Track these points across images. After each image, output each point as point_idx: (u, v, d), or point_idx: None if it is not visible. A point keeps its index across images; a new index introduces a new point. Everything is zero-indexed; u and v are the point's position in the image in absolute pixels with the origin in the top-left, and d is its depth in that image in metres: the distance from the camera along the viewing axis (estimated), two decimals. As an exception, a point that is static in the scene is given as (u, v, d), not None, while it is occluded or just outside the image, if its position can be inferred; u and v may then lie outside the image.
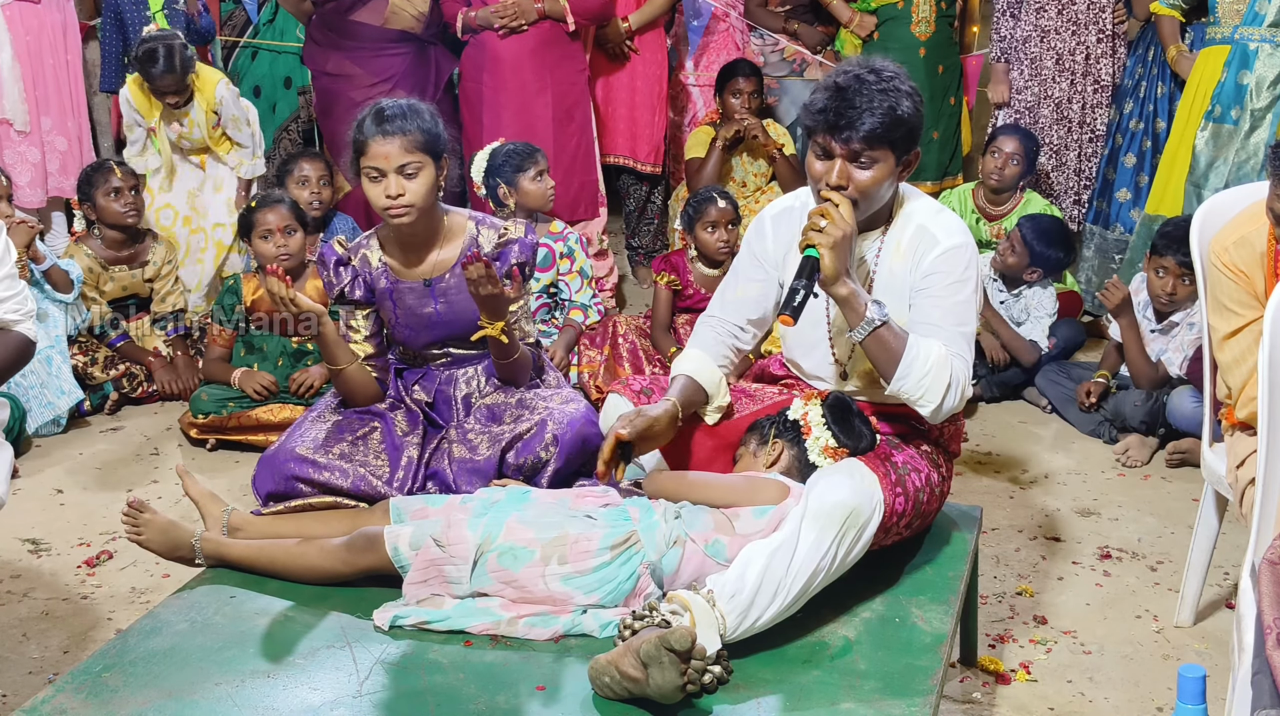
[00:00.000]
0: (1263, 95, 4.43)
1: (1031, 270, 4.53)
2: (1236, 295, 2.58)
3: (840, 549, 2.20)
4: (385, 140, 2.69)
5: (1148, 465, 3.90)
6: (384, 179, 2.71)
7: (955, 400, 2.37)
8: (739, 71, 5.20)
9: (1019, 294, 4.59)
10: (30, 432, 4.06)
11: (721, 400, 2.62)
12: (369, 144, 2.71)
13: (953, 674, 2.70)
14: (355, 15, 4.92)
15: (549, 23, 4.87)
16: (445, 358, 2.96)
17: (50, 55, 5.19)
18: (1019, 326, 4.54)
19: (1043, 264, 4.53)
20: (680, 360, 2.64)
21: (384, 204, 2.72)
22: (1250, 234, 2.57)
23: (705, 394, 2.60)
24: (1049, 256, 4.51)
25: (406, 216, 2.74)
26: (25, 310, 2.46)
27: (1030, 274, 4.54)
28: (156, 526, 2.55)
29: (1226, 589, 3.09)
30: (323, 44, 5.03)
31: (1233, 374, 2.60)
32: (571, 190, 5.02)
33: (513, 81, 4.88)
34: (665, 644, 1.91)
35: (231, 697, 2.02)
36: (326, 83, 5.09)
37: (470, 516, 2.35)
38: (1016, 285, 4.60)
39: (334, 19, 4.97)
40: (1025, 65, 5.26)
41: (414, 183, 2.72)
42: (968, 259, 2.43)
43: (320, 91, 5.18)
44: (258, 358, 4.16)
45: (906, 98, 2.33)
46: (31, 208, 5.12)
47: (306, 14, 5.13)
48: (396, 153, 2.69)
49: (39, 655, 2.84)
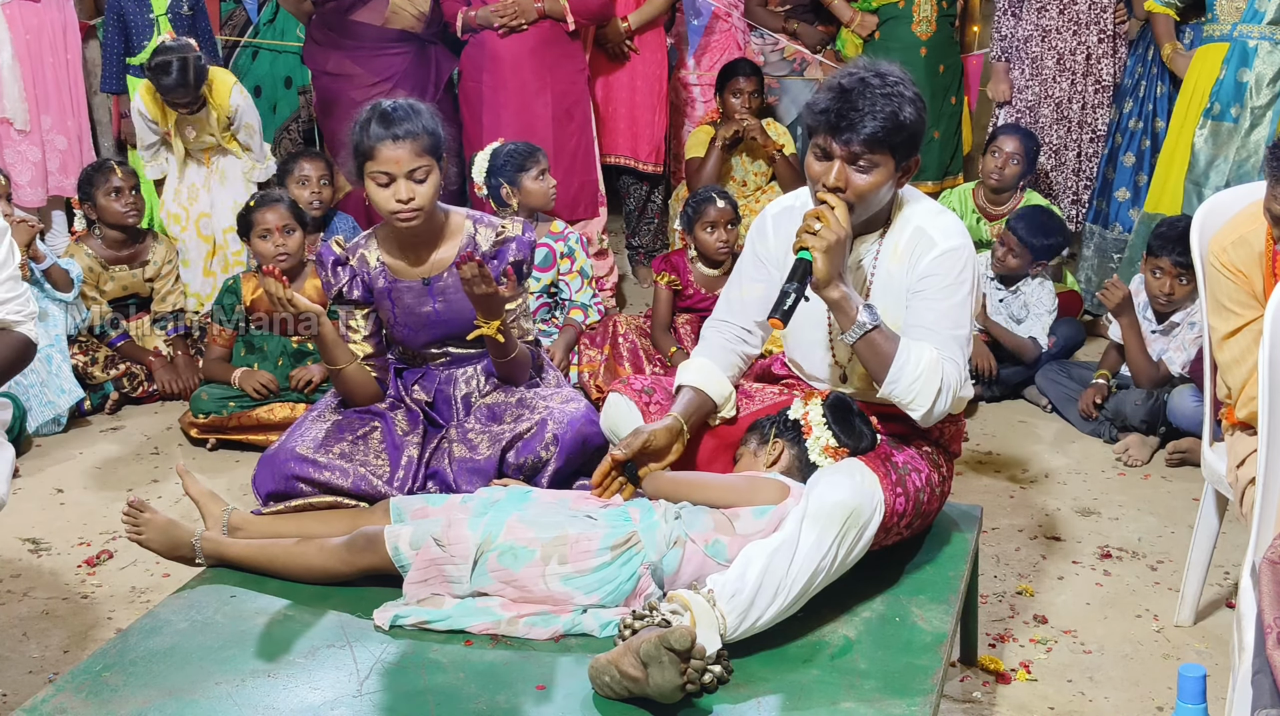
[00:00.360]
0: (1263, 93, 4.43)
1: (1035, 265, 4.53)
2: (1235, 295, 2.58)
3: (841, 549, 2.20)
4: (396, 145, 2.68)
5: (1148, 464, 3.90)
6: (393, 183, 2.70)
7: (946, 404, 2.37)
8: (739, 71, 5.20)
9: (1017, 290, 4.58)
10: (31, 432, 4.06)
11: (728, 412, 2.62)
12: (378, 149, 2.69)
13: (953, 673, 2.70)
14: (356, 15, 4.92)
15: (549, 22, 4.88)
16: (444, 357, 2.96)
17: (50, 54, 5.19)
18: (1019, 323, 4.54)
19: (1044, 254, 4.52)
20: (686, 369, 2.62)
21: (394, 208, 2.71)
22: (1249, 234, 2.57)
23: (713, 404, 2.59)
24: (1047, 245, 4.50)
25: (415, 219, 2.74)
26: (27, 312, 2.46)
27: (1035, 269, 4.54)
28: (157, 526, 2.55)
29: (1227, 588, 3.09)
30: (323, 44, 5.03)
31: (1232, 373, 2.60)
32: (571, 190, 5.01)
33: (512, 81, 4.88)
34: (665, 643, 1.91)
35: (232, 697, 2.02)
36: (327, 82, 5.09)
37: (471, 516, 2.35)
38: (1015, 282, 4.59)
39: (334, 19, 4.97)
40: (1026, 64, 5.26)
41: (423, 186, 2.71)
42: (964, 261, 2.42)
43: (321, 91, 5.17)
44: (258, 357, 4.17)
45: (910, 103, 2.33)
46: (32, 207, 5.12)
47: (306, 14, 5.13)
48: (407, 157, 2.68)
49: (39, 654, 2.84)
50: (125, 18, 5.22)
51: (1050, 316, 4.52)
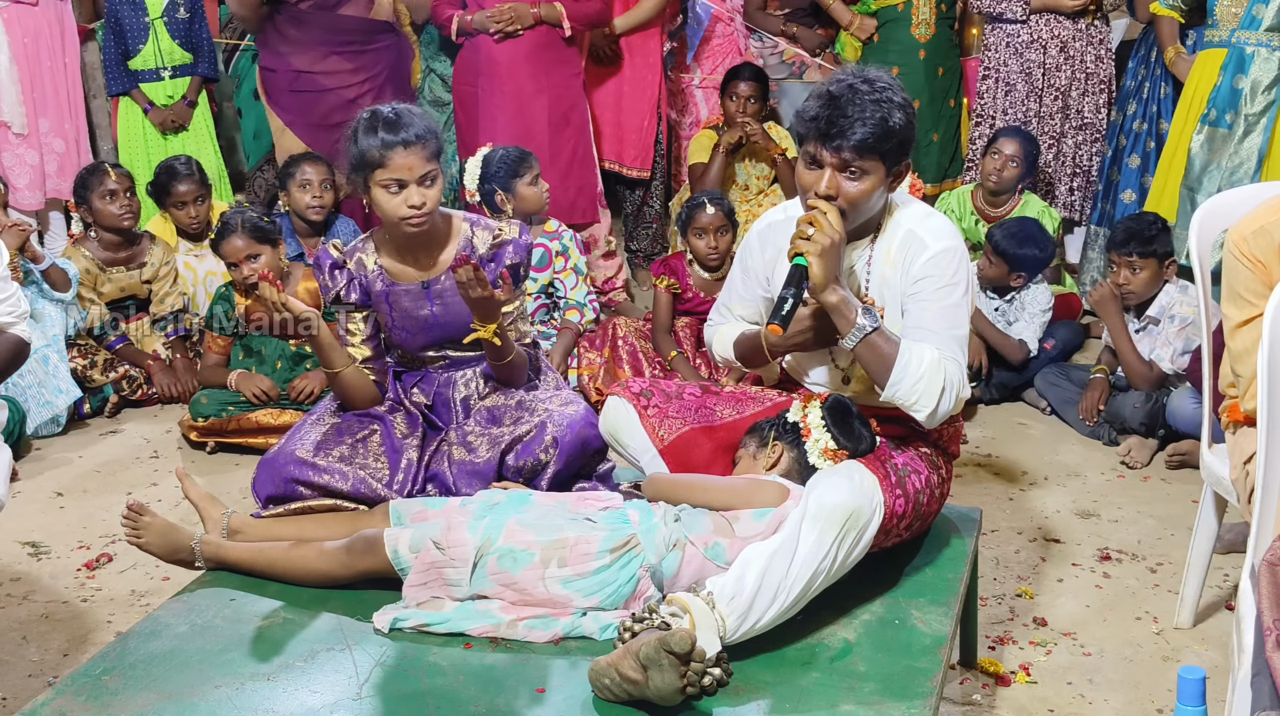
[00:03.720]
0: (1257, 99, 4.44)
1: (1015, 276, 4.49)
2: (1252, 284, 2.57)
3: (840, 551, 2.20)
4: (408, 152, 2.67)
5: (1147, 467, 3.90)
6: (405, 190, 2.69)
7: (950, 404, 2.37)
8: (741, 75, 5.20)
9: (1011, 299, 4.57)
10: (29, 433, 4.06)
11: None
12: (390, 156, 2.66)
13: (952, 676, 2.70)
14: (344, 9, 4.80)
15: (545, 27, 4.87)
16: (443, 360, 2.96)
17: (48, 57, 5.20)
18: (1012, 325, 4.53)
19: (1023, 266, 4.47)
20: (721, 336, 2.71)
21: (405, 214, 2.70)
22: (1269, 225, 2.56)
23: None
24: (1025, 256, 4.45)
25: (426, 224, 2.74)
26: (19, 312, 2.47)
27: (1015, 279, 4.50)
28: (156, 529, 2.55)
29: (1226, 590, 3.09)
30: (299, 42, 4.83)
31: (1243, 363, 2.59)
32: (569, 193, 5.01)
33: (509, 85, 4.87)
34: (665, 646, 1.91)
35: (231, 700, 2.02)
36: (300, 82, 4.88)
37: (470, 519, 2.35)
38: (1006, 292, 4.57)
39: (313, 15, 4.80)
40: (1017, 58, 5.25)
41: (432, 190, 2.71)
42: (957, 262, 2.42)
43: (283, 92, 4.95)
44: (256, 361, 4.17)
45: (899, 109, 2.33)
46: (30, 209, 5.12)
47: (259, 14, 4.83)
48: (419, 163, 2.68)
49: (38, 658, 2.84)
50: (121, 21, 5.22)
51: (1044, 317, 4.49)
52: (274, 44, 4.89)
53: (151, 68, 5.43)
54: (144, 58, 5.39)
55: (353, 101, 4.79)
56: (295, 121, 4.99)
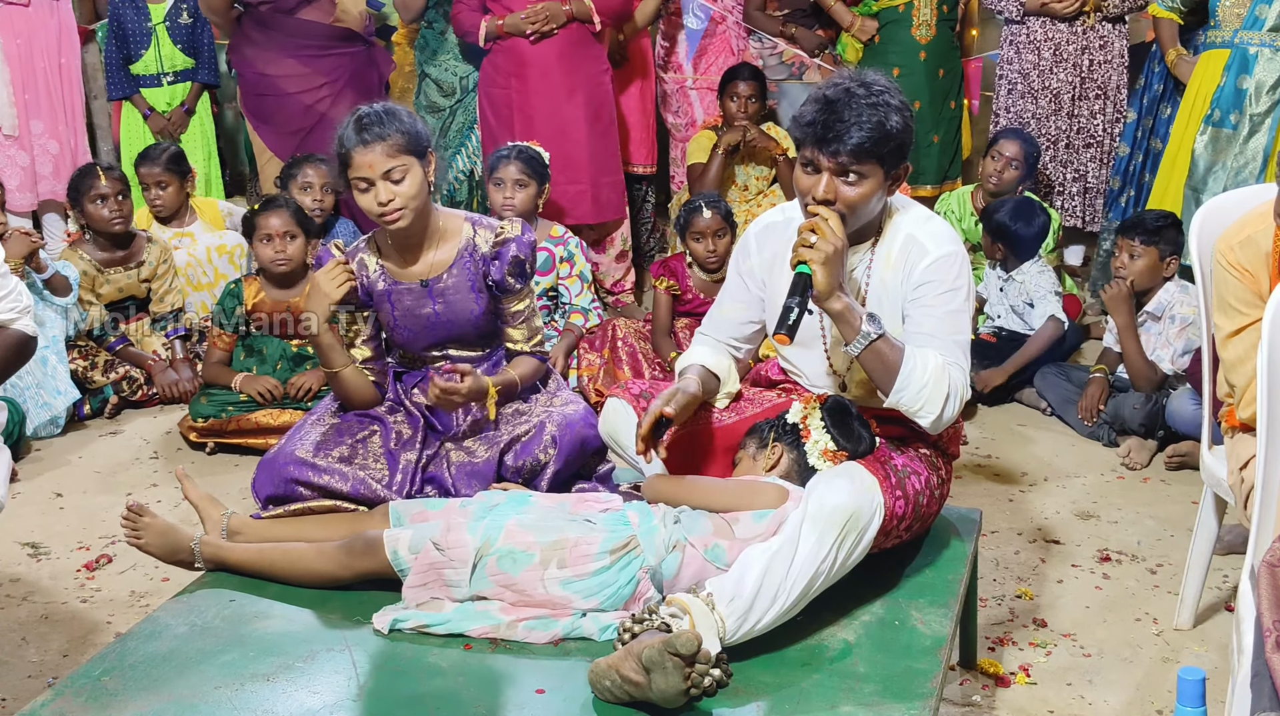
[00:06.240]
0: (1261, 100, 4.44)
1: (996, 247, 4.60)
2: (1241, 294, 2.58)
3: (840, 552, 2.20)
4: (366, 149, 2.69)
5: (1147, 468, 3.90)
6: (373, 188, 2.71)
7: (955, 409, 2.37)
8: (739, 76, 5.19)
9: (1010, 278, 4.59)
10: (29, 434, 4.06)
11: (732, 386, 2.65)
12: (352, 155, 2.70)
13: (952, 676, 2.70)
14: (303, 14, 4.82)
15: (575, 25, 4.88)
16: (445, 360, 2.96)
17: (42, 59, 5.18)
18: (1020, 312, 4.55)
19: (1011, 239, 4.55)
20: (685, 357, 2.67)
21: (377, 211, 2.73)
22: (1257, 234, 2.57)
23: (718, 381, 2.63)
24: (1008, 228, 4.54)
25: (401, 220, 2.74)
26: (21, 307, 2.45)
27: (997, 252, 4.61)
28: (156, 530, 2.55)
29: (1226, 591, 3.09)
30: (262, 45, 4.87)
31: (1236, 373, 2.60)
32: (604, 190, 5.03)
33: (543, 85, 4.87)
34: (670, 648, 1.91)
35: (231, 701, 2.02)
36: (262, 85, 4.93)
37: (470, 520, 2.35)
38: (1011, 268, 4.61)
39: (274, 18, 4.82)
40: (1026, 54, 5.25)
41: (402, 186, 2.72)
42: (958, 267, 2.42)
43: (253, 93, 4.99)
44: (257, 361, 4.17)
45: (896, 112, 2.32)
46: (20, 211, 5.10)
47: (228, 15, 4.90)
48: (380, 159, 2.69)
49: (38, 659, 2.84)
50: (124, 25, 5.21)
51: (1058, 297, 4.52)
52: (241, 46, 4.96)
53: (153, 73, 5.44)
54: (145, 63, 5.39)
55: (310, 107, 4.85)
56: (260, 125, 5.04)
